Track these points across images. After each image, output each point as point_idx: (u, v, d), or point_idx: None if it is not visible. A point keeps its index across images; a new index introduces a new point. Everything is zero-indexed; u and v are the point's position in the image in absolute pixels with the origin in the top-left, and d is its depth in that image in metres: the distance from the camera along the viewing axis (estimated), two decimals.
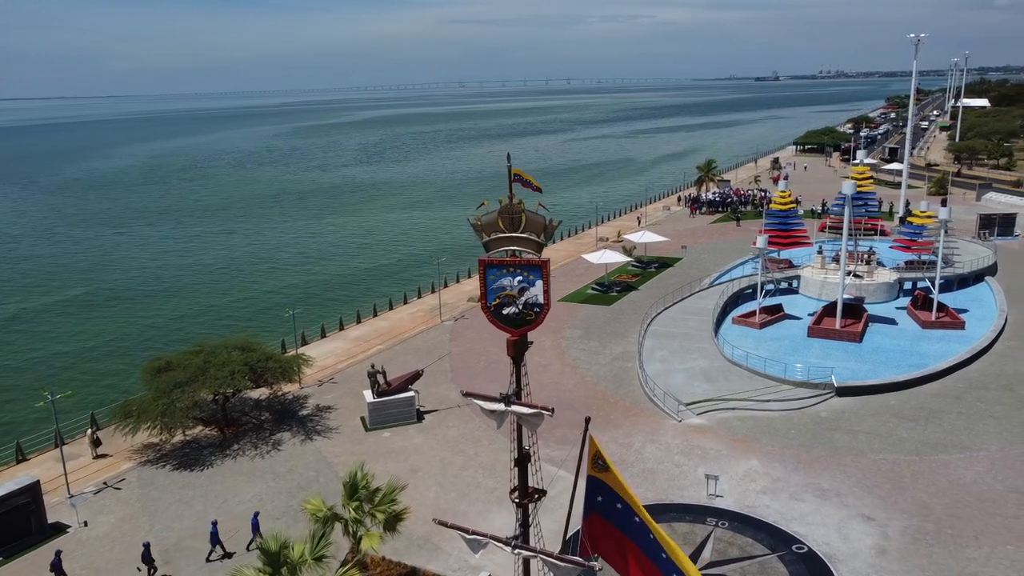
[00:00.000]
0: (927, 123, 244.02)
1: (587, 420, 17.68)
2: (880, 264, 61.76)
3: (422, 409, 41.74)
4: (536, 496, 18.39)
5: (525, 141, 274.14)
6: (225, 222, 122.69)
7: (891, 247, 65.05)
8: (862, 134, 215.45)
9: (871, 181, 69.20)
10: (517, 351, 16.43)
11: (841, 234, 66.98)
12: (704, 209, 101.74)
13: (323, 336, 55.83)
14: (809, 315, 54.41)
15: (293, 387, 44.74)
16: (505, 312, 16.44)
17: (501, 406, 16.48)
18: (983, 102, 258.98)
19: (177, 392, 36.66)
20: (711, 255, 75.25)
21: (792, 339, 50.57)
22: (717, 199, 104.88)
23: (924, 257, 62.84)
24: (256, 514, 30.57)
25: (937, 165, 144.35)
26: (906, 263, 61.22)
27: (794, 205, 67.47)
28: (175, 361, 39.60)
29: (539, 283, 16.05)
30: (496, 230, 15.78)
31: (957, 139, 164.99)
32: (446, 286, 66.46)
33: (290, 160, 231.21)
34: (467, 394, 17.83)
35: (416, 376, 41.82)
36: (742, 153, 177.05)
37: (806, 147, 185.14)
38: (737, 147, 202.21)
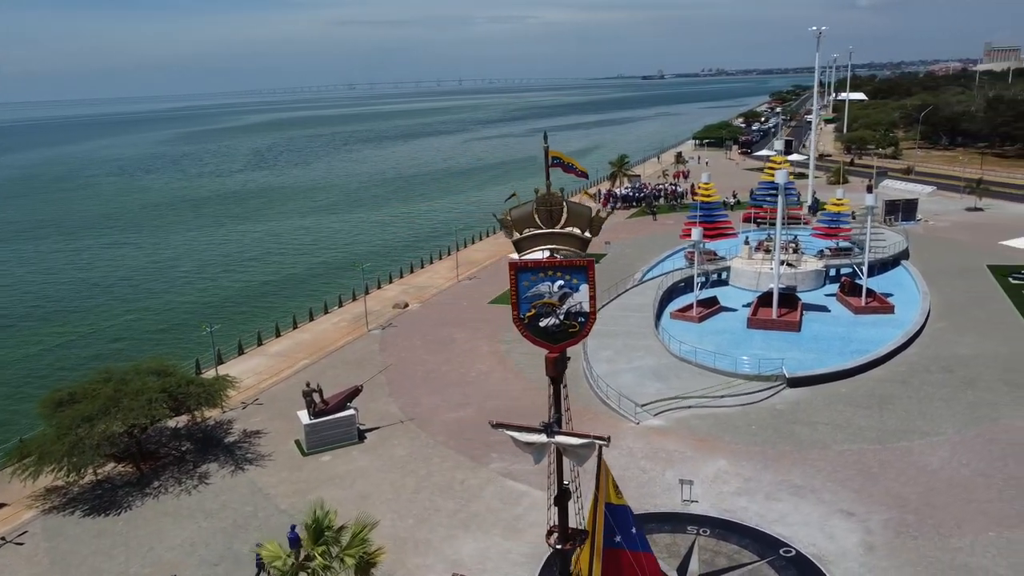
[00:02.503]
0: (810, 116, 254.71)
1: (604, 440, 15.25)
2: (802, 252, 62.40)
3: (363, 428, 38.61)
4: (579, 539, 15.88)
5: (426, 141, 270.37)
6: (115, 234, 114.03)
7: (811, 235, 65.94)
8: (754, 128, 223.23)
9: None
10: (557, 370, 13.93)
11: (764, 224, 68.08)
12: (619, 204, 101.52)
13: (241, 353, 51.54)
14: (744, 306, 54.18)
15: (215, 412, 40.61)
16: (543, 324, 13.93)
17: (542, 437, 14.06)
18: (861, 96, 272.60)
19: (86, 427, 32.26)
20: (634, 250, 74.61)
21: (732, 332, 50.03)
22: (630, 194, 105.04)
23: (842, 244, 64.03)
24: (293, 528, 26.86)
25: (830, 155, 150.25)
26: (830, 250, 62.04)
27: (718, 197, 67.48)
28: (80, 392, 35.04)
29: (584, 287, 13.67)
30: (531, 226, 13.28)
31: (845, 131, 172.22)
32: (368, 293, 63.00)
33: (181, 166, 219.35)
34: (498, 425, 15.22)
35: (355, 392, 38.62)
36: (642, 149, 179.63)
37: (704, 141, 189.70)
38: (636, 143, 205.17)
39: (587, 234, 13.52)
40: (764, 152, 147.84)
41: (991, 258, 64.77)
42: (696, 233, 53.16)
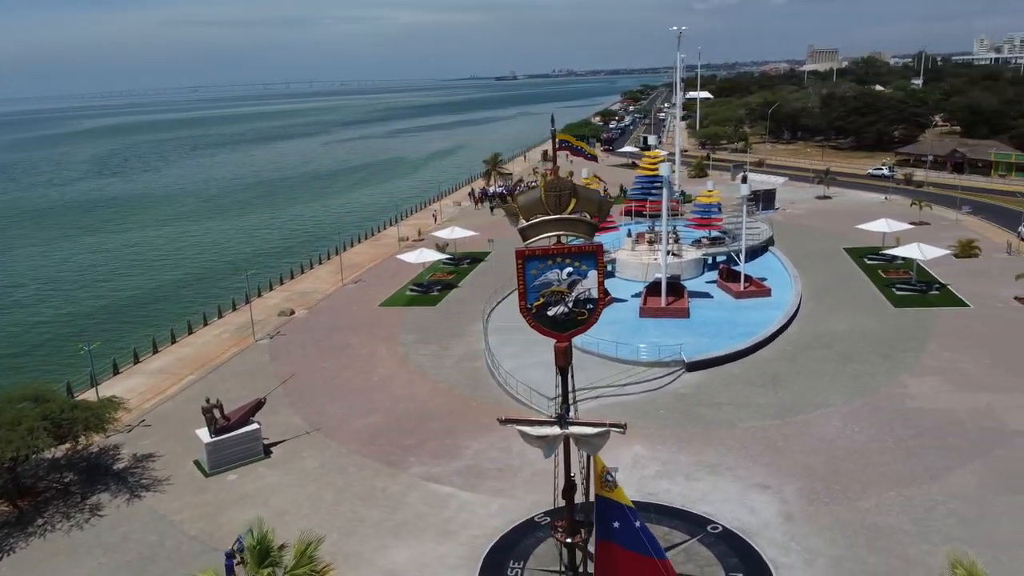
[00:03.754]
0: (663, 114, 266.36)
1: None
2: (681, 242, 65.01)
3: (267, 442, 36.68)
4: (585, 532, 15.57)
5: (284, 144, 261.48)
6: None
7: (686, 226, 68.82)
8: (611, 126, 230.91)
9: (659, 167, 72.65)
10: (566, 360, 13.57)
11: (644, 216, 70.44)
12: (495, 202, 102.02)
13: (116, 373, 47.78)
14: (634, 296, 55.76)
15: (98, 438, 37.35)
16: (551, 313, 13.53)
17: (555, 429, 13.64)
18: (707, 94, 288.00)
19: None
20: (518, 246, 75.05)
21: (626, 321, 51.34)
22: (504, 191, 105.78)
23: (715, 234, 67.25)
24: (229, 555, 24.91)
25: (686, 151, 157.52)
26: (707, 240, 64.98)
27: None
28: None
29: (593, 273, 13.43)
30: (539, 212, 12.83)
31: (698, 127, 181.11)
32: (248, 301, 60.00)
33: (12, 175, 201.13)
34: (507, 421, 14.73)
35: (258, 406, 36.62)
36: (507, 148, 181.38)
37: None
38: (501, 142, 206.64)
39: (595, 219, 13.26)
40: (627, 149, 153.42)
41: (846, 241, 69.92)
42: None
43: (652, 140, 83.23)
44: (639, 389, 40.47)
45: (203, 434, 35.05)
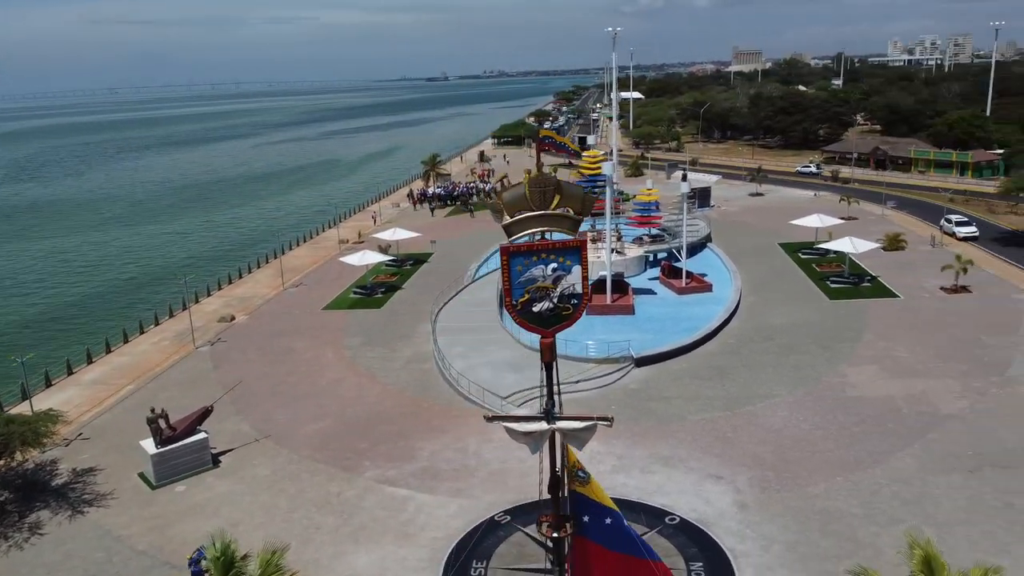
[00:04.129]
0: (596, 114, 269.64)
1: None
2: (623, 240, 65.97)
3: (215, 452, 35.74)
4: (569, 527, 15.62)
5: (214, 147, 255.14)
6: None
7: (626, 224, 69.87)
8: (546, 126, 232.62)
9: (601, 165, 73.59)
10: (552, 355, 13.63)
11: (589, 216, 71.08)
12: (435, 203, 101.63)
13: (48, 385, 45.85)
14: None
15: (34, 453, 35.77)
16: (536, 309, 13.53)
17: (543, 425, 13.64)
18: (639, 95, 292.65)
19: None
20: (461, 248, 74.97)
21: None
22: (443, 192, 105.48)
23: (654, 231, 68.50)
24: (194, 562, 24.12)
25: (621, 150, 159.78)
26: (648, 237, 66.08)
27: None
28: None
29: (577, 268, 13.47)
30: (523, 208, 12.84)
31: (631, 127, 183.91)
32: (185, 308, 58.35)
33: None
34: (493, 418, 14.61)
35: (206, 414, 35.65)
36: (443, 148, 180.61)
37: (502, 140, 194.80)
38: (437, 143, 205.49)
39: (579, 215, 13.39)
40: None
41: (780, 237, 71.98)
42: None
43: (591, 140, 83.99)
44: (590, 386, 40.89)
45: (148, 445, 33.94)
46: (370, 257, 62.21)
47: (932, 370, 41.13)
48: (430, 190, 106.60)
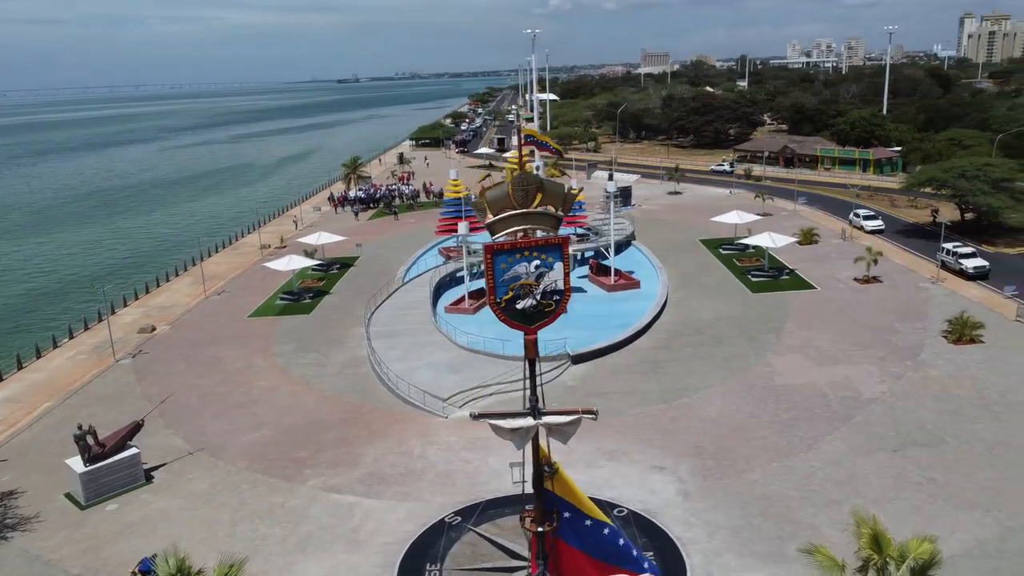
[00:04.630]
0: (513, 115, 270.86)
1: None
2: None
3: (147, 467, 34.40)
4: (555, 522, 15.70)
5: (116, 152, 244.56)
6: None
7: None
8: (462, 127, 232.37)
9: (527, 165, 74.14)
10: (536, 351, 13.74)
11: None
12: (357, 207, 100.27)
13: None
14: None
15: None
16: (520, 306, 13.59)
17: (529, 421, 13.70)
18: (554, 96, 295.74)
19: None
20: (387, 250, 74.31)
21: None
22: (364, 196, 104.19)
23: (580, 230, 69.50)
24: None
25: (533, 150, 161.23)
26: (576, 236, 66.94)
27: (467, 192, 69.56)
28: None
29: (559, 265, 13.62)
30: (507, 207, 12.88)
31: (548, 128, 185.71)
32: (101, 319, 55.85)
33: None
34: (479, 416, 14.51)
35: (136, 429, 34.22)
36: (360, 151, 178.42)
37: (420, 142, 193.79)
38: (354, 146, 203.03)
39: (560, 212, 13.54)
40: (483, 150, 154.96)
41: (700, 233, 74.17)
42: (463, 227, 54.51)
43: (516, 141, 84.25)
44: None
45: (75, 463, 32.39)
46: (296, 262, 60.98)
47: (852, 357, 43.19)
48: (351, 193, 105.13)
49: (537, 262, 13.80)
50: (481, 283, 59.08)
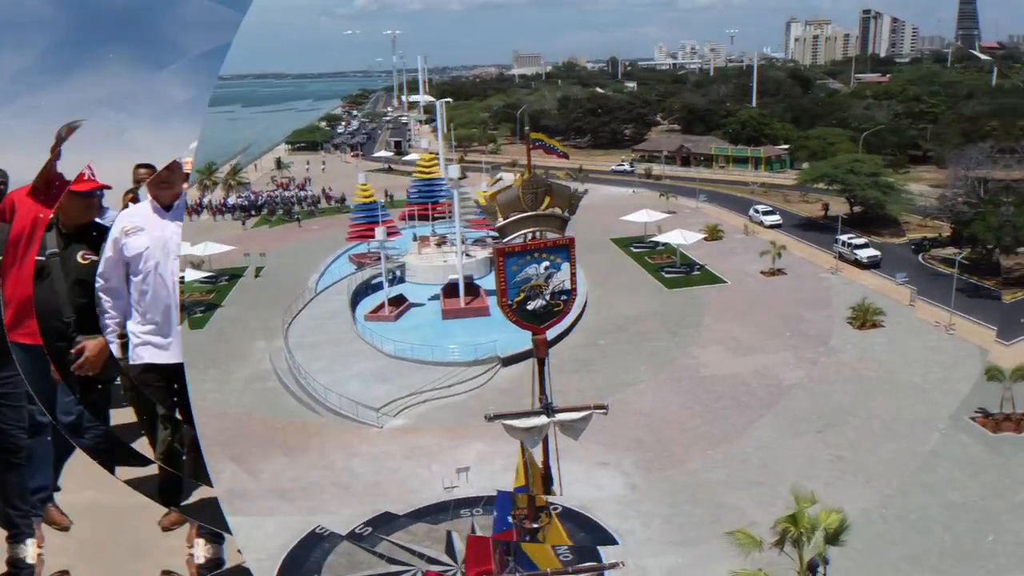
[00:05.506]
0: (404, 118, 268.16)
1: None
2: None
3: None
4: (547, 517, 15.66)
5: None
6: None
7: (466, 227, 70.44)
8: (339, 130, 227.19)
9: (436, 168, 73.81)
10: (546, 351, 13.74)
11: (427, 219, 71.05)
12: (239, 214, 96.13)
13: None
14: (431, 299, 56.18)
15: None
16: (531, 307, 13.56)
17: (543, 419, 13.65)
18: (430, 98, 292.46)
19: None
20: (293, 259, 71.99)
21: (431, 324, 51.69)
22: (247, 203, 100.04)
23: (492, 233, 69.71)
24: None
25: (437, 154, 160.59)
26: (492, 239, 67.07)
27: (375, 197, 68.56)
28: None
29: (566, 266, 13.77)
30: (517, 210, 12.75)
31: (443, 130, 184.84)
32: None
33: None
34: (494, 417, 14.33)
35: None
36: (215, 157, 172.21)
37: (296, 145, 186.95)
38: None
39: (567, 213, 13.57)
40: (382, 153, 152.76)
41: (610, 232, 75.53)
42: (380, 232, 53.79)
43: (427, 143, 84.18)
44: (463, 389, 41.08)
45: None
46: (189, 275, 58.35)
47: (768, 346, 45.16)
48: (230, 199, 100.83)
49: (547, 263, 13.93)
50: (400, 289, 58.61)
